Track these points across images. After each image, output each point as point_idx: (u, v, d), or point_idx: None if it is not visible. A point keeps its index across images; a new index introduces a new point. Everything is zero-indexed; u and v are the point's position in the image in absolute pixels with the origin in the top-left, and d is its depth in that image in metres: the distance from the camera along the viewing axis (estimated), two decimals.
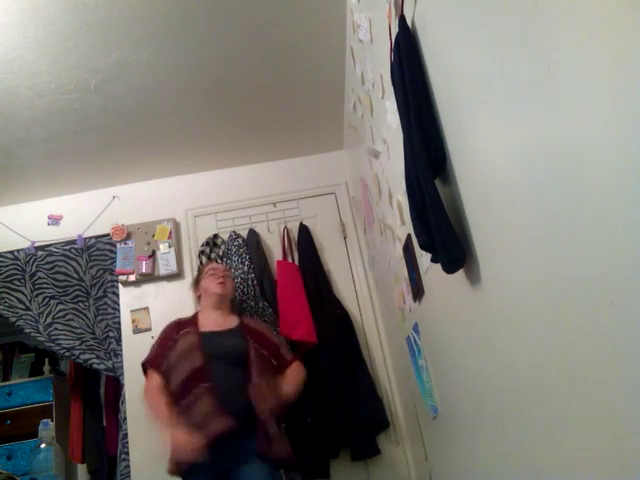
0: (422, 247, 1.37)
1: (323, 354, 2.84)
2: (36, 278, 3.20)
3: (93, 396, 3.74)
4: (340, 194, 3.37)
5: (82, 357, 3.09)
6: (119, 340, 3.08)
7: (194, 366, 2.26)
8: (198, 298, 2.70)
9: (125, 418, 2.92)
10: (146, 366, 2.42)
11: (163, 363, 2.35)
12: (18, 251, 3.22)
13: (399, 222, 1.95)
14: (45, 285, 3.20)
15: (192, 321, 2.50)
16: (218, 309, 2.53)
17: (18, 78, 2.42)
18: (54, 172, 3.17)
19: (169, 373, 2.31)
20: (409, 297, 2.04)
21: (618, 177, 0.68)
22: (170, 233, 3.22)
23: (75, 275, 3.22)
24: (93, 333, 3.16)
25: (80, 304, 3.21)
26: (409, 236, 1.84)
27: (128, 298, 3.15)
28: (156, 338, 2.55)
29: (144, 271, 3.12)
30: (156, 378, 2.32)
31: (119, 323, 3.11)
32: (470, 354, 1.43)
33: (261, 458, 2.11)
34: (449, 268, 1.30)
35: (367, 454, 2.83)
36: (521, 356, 1.07)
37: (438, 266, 1.34)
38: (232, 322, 2.48)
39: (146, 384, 2.36)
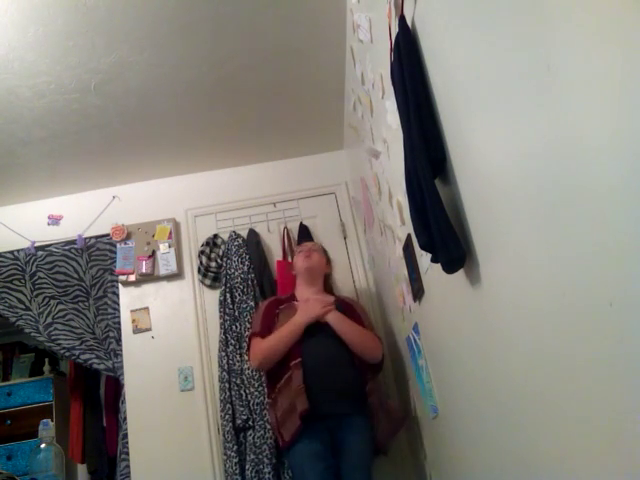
0: (422, 247, 1.37)
1: None
2: (36, 278, 3.20)
3: (93, 396, 3.74)
4: (340, 194, 3.37)
5: (82, 357, 3.09)
6: (119, 340, 3.08)
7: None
8: (294, 279, 2.72)
9: (125, 418, 2.92)
10: (252, 337, 2.44)
11: (269, 333, 2.39)
12: (18, 251, 3.22)
13: (399, 222, 1.95)
14: (45, 285, 3.20)
15: (290, 298, 2.54)
16: (311, 286, 2.55)
17: (18, 78, 2.42)
18: (54, 172, 3.17)
19: None
20: (409, 297, 2.04)
21: (618, 177, 0.68)
22: (170, 233, 3.22)
23: (75, 275, 3.22)
24: (93, 333, 3.16)
25: (80, 304, 3.21)
26: (409, 236, 1.84)
27: (128, 298, 3.15)
28: (257, 314, 2.59)
29: (144, 271, 3.12)
30: (260, 341, 2.36)
31: (119, 323, 3.11)
32: (470, 354, 1.43)
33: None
34: (449, 268, 1.30)
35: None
36: (521, 356, 1.07)
37: (438, 266, 1.34)
38: (329, 298, 2.50)
39: (253, 348, 2.39)
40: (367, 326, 2.45)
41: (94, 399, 3.73)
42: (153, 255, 3.17)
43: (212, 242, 3.22)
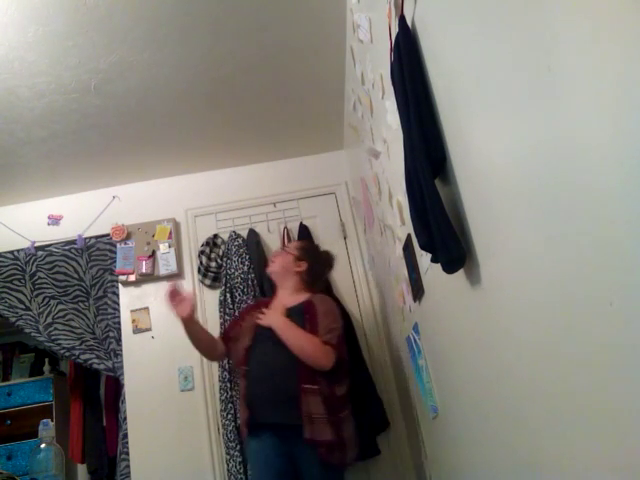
0: (422, 247, 1.37)
1: None
2: (36, 278, 3.20)
3: (93, 396, 3.75)
4: (340, 194, 3.37)
5: (82, 357, 3.09)
6: (119, 340, 3.08)
7: (244, 346, 2.25)
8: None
9: (125, 418, 2.93)
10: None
11: (230, 337, 2.40)
12: (18, 251, 3.22)
13: (399, 222, 1.95)
14: (45, 285, 3.21)
15: (269, 301, 2.48)
16: (281, 288, 2.45)
17: (18, 78, 2.42)
18: (54, 172, 3.17)
19: (232, 351, 2.37)
20: (409, 297, 2.04)
21: (618, 177, 0.68)
22: (170, 233, 3.22)
23: (75, 275, 3.22)
24: (93, 333, 3.16)
25: (80, 304, 3.21)
26: (409, 236, 1.84)
27: (128, 298, 3.15)
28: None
29: (144, 271, 3.12)
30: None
31: (119, 323, 3.11)
32: (470, 354, 1.43)
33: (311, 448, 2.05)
34: (449, 268, 1.30)
35: (367, 454, 2.82)
36: (521, 356, 1.07)
37: (438, 266, 1.34)
38: (297, 300, 2.33)
39: None
40: (321, 330, 2.16)
41: (94, 399, 3.73)
42: (153, 255, 3.17)
43: (212, 242, 3.22)
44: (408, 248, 1.88)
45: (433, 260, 1.38)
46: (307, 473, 2.08)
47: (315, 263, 2.47)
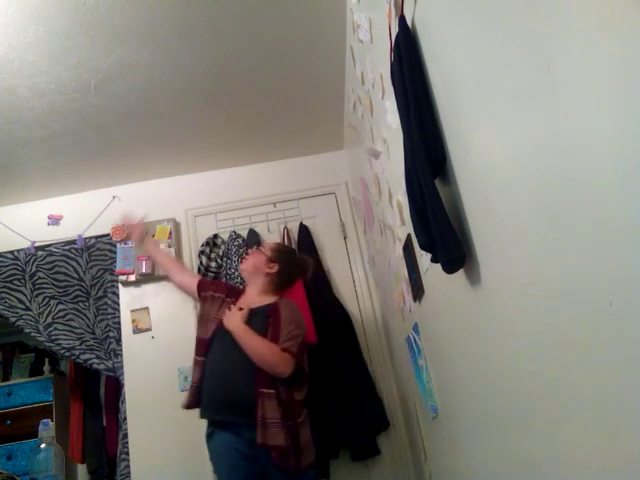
0: (422, 247, 1.37)
1: (323, 354, 2.84)
2: (36, 278, 3.20)
3: (93, 396, 3.75)
4: (340, 194, 3.37)
5: (82, 357, 3.09)
6: (119, 340, 3.08)
7: (204, 336, 2.27)
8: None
9: (125, 418, 2.93)
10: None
11: (205, 294, 2.45)
12: (18, 251, 3.22)
13: (399, 222, 1.95)
14: (45, 285, 3.21)
15: (240, 293, 2.48)
16: (250, 286, 2.44)
17: (18, 78, 2.42)
18: (54, 172, 3.17)
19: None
20: (409, 297, 2.04)
21: (618, 177, 0.68)
22: (170, 233, 3.22)
23: (75, 275, 3.22)
24: (93, 333, 3.16)
25: (80, 304, 3.21)
26: (409, 236, 1.84)
27: (128, 298, 3.15)
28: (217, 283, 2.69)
29: (144, 271, 3.12)
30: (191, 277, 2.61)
31: (119, 323, 3.11)
32: (470, 354, 1.43)
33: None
34: (449, 268, 1.30)
35: (367, 454, 2.83)
36: (521, 356, 1.07)
37: (438, 266, 1.34)
38: (263, 301, 2.32)
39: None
40: (282, 337, 2.12)
41: (94, 399, 3.73)
42: None
43: (212, 242, 3.22)
44: (408, 248, 1.88)
45: (433, 260, 1.38)
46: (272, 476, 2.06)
47: (287, 267, 2.43)
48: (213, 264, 3.16)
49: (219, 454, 2.12)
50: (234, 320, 2.18)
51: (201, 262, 3.16)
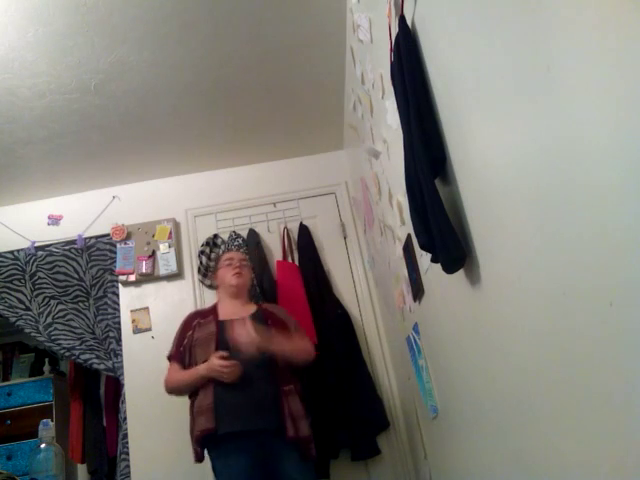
0: (422, 247, 1.37)
1: (323, 354, 2.83)
2: (36, 278, 3.20)
3: (93, 396, 3.74)
4: (340, 194, 3.37)
5: (82, 357, 3.09)
6: (119, 340, 3.08)
7: (207, 356, 2.25)
8: (216, 287, 2.69)
9: (125, 418, 2.92)
10: (169, 360, 2.47)
11: (184, 354, 2.39)
12: (18, 251, 3.22)
13: (399, 222, 1.95)
14: (45, 285, 3.21)
15: (211, 310, 2.51)
16: (235, 299, 2.50)
17: (18, 78, 2.42)
18: (54, 172, 3.17)
19: (189, 363, 2.35)
20: (409, 297, 2.04)
21: (618, 177, 0.68)
22: (170, 233, 3.22)
23: (75, 275, 3.22)
24: (93, 333, 3.16)
25: (80, 304, 3.21)
26: (409, 236, 1.84)
27: (128, 298, 3.15)
28: (177, 330, 2.55)
29: (144, 271, 3.12)
30: (176, 368, 2.38)
31: (119, 323, 3.11)
32: (470, 354, 1.44)
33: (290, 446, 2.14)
34: (449, 268, 1.30)
35: (367, 454, 2.83)
36: (521, 356, 1.07)
37: (438, 266, 1.34)
38: (250, 309, 2.46)
39: (167, 376, 2.41)
40: (291, 329, 2.40)
41: (94, 399, 3.73)
42: (153, 255, 3.17)
43: (212, 242, 3.22)
44: (408, 248, 1.88)
45: (433, 260, 1.38)
46: (286, 474, 2.13)
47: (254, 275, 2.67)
48: (213, 264, 3.16)
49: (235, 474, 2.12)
50: (251, 333, 2.19)
51: (201, 262, 3.16)
